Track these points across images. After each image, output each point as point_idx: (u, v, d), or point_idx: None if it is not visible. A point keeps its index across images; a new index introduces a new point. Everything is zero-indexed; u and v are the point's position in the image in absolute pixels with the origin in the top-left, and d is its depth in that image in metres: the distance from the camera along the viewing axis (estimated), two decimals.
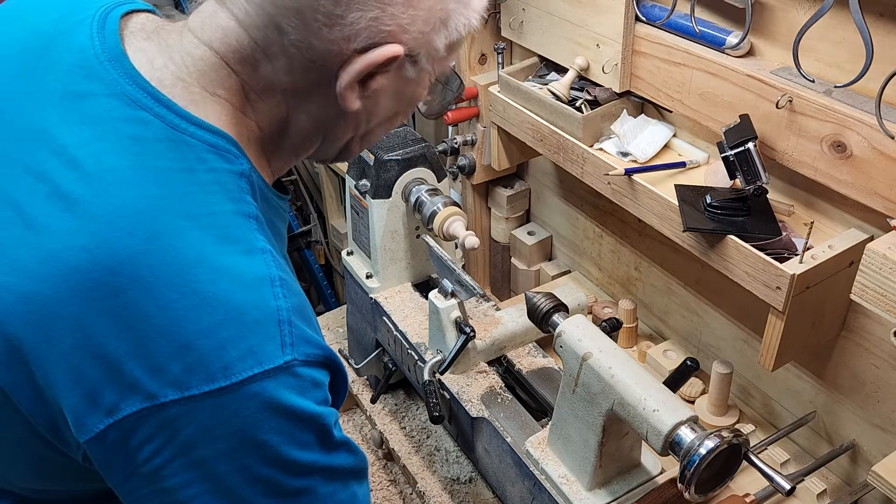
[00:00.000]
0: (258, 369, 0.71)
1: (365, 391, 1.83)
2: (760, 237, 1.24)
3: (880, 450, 1.34)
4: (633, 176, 1.40)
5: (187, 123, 0.75)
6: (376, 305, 1.67)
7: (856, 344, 1.32)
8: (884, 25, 1.09)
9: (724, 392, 1.51)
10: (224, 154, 0.77)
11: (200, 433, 0.71)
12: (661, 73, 1.41)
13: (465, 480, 1.58)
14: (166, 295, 0.70)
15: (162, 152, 0.74)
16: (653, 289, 1.76)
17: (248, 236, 0.75)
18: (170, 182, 0.73)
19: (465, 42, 0.96)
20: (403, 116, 0.93)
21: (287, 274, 0.78)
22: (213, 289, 0.71)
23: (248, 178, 0.78)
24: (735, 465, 1.13)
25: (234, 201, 0.76)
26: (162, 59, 0.78)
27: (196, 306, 0.70)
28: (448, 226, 1.50)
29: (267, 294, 0.73)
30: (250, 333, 0.71)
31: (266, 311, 0.73)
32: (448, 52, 0.84)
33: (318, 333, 0.79)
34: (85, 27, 0.79)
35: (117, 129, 0.74)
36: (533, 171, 2.04)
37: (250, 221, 0.76)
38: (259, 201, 0.79)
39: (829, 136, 1.16)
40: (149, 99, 0.75)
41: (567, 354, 1.24)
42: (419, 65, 0.82)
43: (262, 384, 0.71)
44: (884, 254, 1.00)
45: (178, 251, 0.71)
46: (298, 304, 0.76)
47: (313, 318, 0.81)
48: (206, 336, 0.70)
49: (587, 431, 1.22)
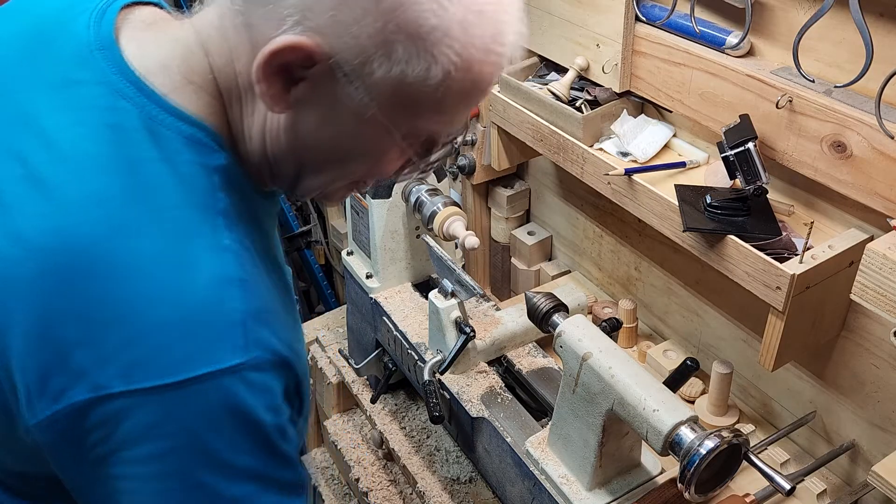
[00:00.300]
0: (205, 369, 0.70)
1: (365, 391, 1.83)
2: (760, 237, 1.24)
3: (880, 450, 1.34)
4: (633, 176, 1.40)
5: (166, 114, 0.75)
6: (376, 305, 1.67)
7: (856, 344, 1.32)
8: (884, 25, 1.09)
9: (724, 392, 1.51)
10: (199, 146, 0.76)
11: (143, 428, 0.70)
12: (661, 73, 1.41)
13: (465, 480, 1.58)
14: (120, 286, 0.70)
15: (138, 142, 0.74)
16: (653, 289, 1.76)
17: (213, 233, 0.74)
18: (141, 173, 0.73)
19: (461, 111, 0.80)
20: (358, 167, 0.82)
21: (255, 274, 0.76)
22: (168, 285, 0.71)
23: (223, 172, 0.77)
24: (735, 465, 1.13)
25: (205, 196, 0.75)
26: (152, 46, 0.78)
27: (148, 300, 0.70)
28: (448, 226, 1.50)
29: (224, 294, 0.72)
30: (201, 333, 0.71)
31: (220, 312, 0.72)
32: (416, 109, 0.73)
33: (290, 337, 0.78)
34: (85, 17, 0.79)
35: (98, 116, 0.74)
36: (533, 171, 2.04)
37: (218, 218, 0.75)
38: (238, 197, 0.78)
39: (829, 136, 1.16)
40: (131, 88, 0.75)
41: (567, 354, 1.24)
42: (357, 96, 0.72)
43: (209, 384, 0.71)
44: (884, 254, 1.00)
45: (138, 244, 0.71)
46: (260, 306, 0.75)
47: (282, 321, 0.79)
48: (155, 331, 0.70)
49: (587, 431, 1.22)
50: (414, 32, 0.68)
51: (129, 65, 0.76)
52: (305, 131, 0.77)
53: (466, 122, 0.86)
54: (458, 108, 0.77)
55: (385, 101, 0.72)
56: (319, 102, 0.74)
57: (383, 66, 0.69)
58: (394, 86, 0.71)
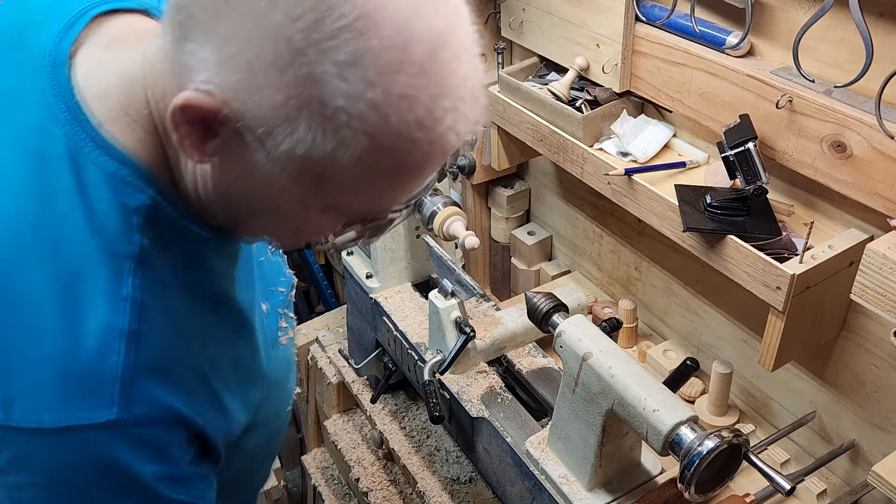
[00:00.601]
0: (73, 422, 0.69)
1: (365, 391, 1.83)
2: (760, 237, 1.24)
3: (880, 450, 1.34)
4: (633, 176, 1.40)
5: (93, 146, 0.72)
6: (376, 305, 1.67)
7: (856, 344, 1.32)
8: (884, 25, 1.09)
9: (724, 392, 1.51)
10: (120, 184, 0.72)
11: (13, 461, 0.71)
12: (661, 73, 1.41)
13: (465, 480, 1.58)
14: (5, 315, 0.69)
15: (58, 172, 0.71)
16: (653, 289, 1.76)
17: (114, 279, 0.71)
18: (54, 204, 0.71)
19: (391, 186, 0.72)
20: (284, 229, 0.77)
21: (157, 326, 0.73)
22: (52, 326, 0.69)
23: (145, 212, 0.73)
24: (735, 465, 1.13)
25: (115, 238, 0.72)
26: (101, 70, 0.74)
27: (29, 338, 0.69)
28: (448, 226, 1.50)
29: (107, 347, 0.70)
30: (74, 383, 0.69)
31: (98, 365, 0.70)
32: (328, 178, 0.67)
33: (196, 388, 0.77)
34: (58, 23, 0.76)
35: (27, 138, 0.72)
36: (533, 171, 2.04)
37: (125, 262, 0.72)
38: (165, 238, 0.74)
39: (829, 136, 1.16)
40: (66, 114, 0.72)
41: (567, 354, 1.24)
42: (266, 164, 0.66)
43: (78, 437, 0.70)
44: (884, 254, 1.00)
45: (33, 276, 0.69)
46: (152, 361, 0.72)
47: (187, 373, 0.77)
48: (28, 372, 0.69)
49: (587, 431, 1.22)
50: (318, 111, 0.62)
51: (72, 88, 0.73)
52: (227, 184, 0.73)
53: (427, 187, 0.76)
54: (387, 188, 0.70)
55: (295, 174, 0.66)
56: (235, 160, 0.68)
57: (287, 140, 0.64)
58: (302, 161, 0.65)
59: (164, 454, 0.75)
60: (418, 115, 0.63)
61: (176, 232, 0.76)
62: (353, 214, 0.74)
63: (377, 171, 0.66)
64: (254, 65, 0.61)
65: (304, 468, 2.12)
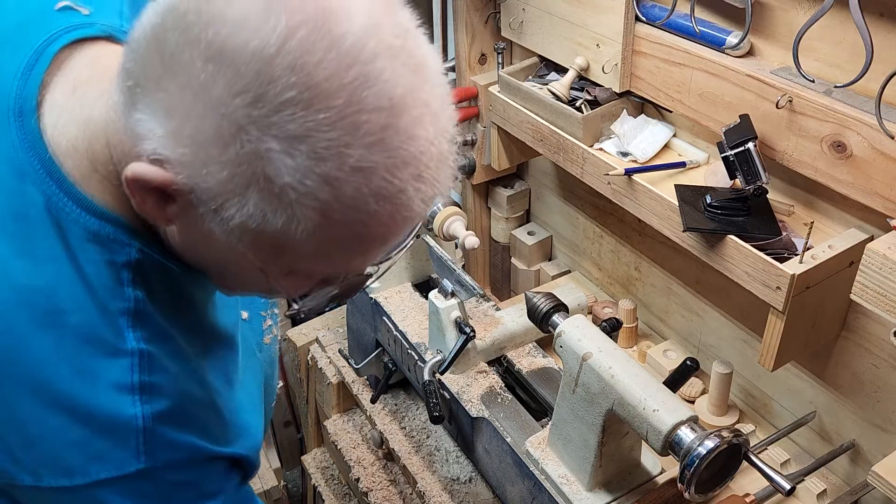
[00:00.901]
0: (105, 475, 0.71)
1: (365, 391, 1.83)
2: (760, 237, 1.24)
3: (880, 450, 1.34)
4: (633, 176, 1.40)
5: (73, 205, 0.70)
6: (376, 305, 1.67)
7: (856, 344, 1.32)
8: (884, 25, 1.09)
9: (724, 392, 1.51)
10: (106, 243, 0.71)
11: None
12: (661, 73, 1.41)
13: (465, 480, 1.58)
14: (13, 393, 0.70)
15: (42, 237, 0.70)
16: (653, 289, 1.76)
17: (115, 336, 0.71)
18: (42, 273, 0.70)
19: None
20: (253, 288, 0.77)
21: (166, 370, 0.74)
22: (63, 392, 0.70)
23: (134, 266, 0.72)
24: (735, 465, 1.13)
25: (109, 296, 0.71)
26: (68, 119, 0.71)
27: (42, 407, 0.70)
28: (448, 226, 1.50)
29: (124, 401, 0.71)
30: (100, 439, 0.71)
31: (120, 419, 0.71)
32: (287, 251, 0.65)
33: (210, 420, 0.79)
34: (18, 58, 0.72)
35: (5, 203, 0.70)
36: (533, 171, 2.04)
37: (122, 319, 0.72)
38: (157, 285, 0.74)
39: (829, 136, 1.16)
40: (41, 171, 0.69)
41: (567, 354, 1.24)
42: (222, 234, 0.64)
43: (111, 489, 0.72)
44: (884, 254, 1.00)
45: (30, 351, 0.69)
46: (171, 406, 0.74)
47: (199, 409, 0.78)
48: (51, 437, 0.71)
49: (587, 431, 1.22)
50: (265, 188, 0.59)
51: (43, 140, 0.70)
52: (193, 244, 0.72)
53: (401, 247, 0.75)
54: (350, 257, 0.68)
55: (251, 244, 0.65)
56: (194, 227, 0.66)
57: (238, 214, 0.61)
58: (256, 234, 0.63)
59: (200, 491, 0.77)
60: (375, 187, 0.60)
61: (165, 276, 0.75)
62: (322, 279, 0.73)
63: (336, 243, 0.64)
64: (197, 139, 0.59)
65: (304, 468, 2.12)
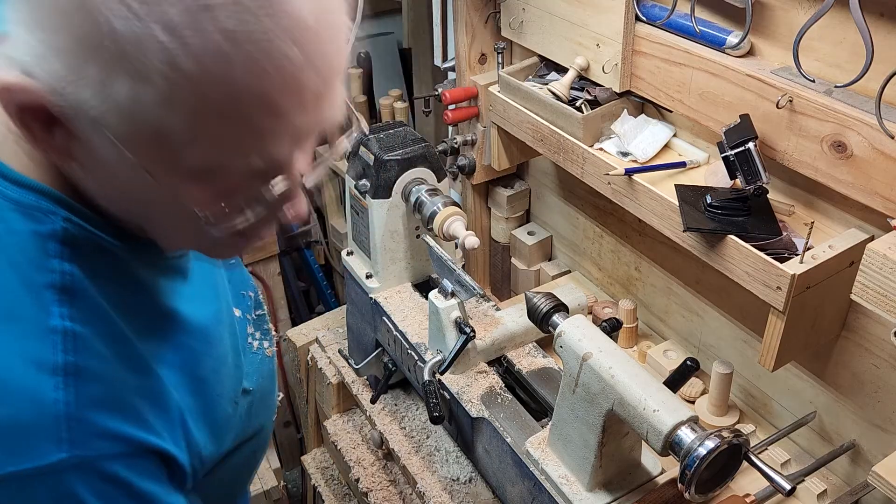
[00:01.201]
0: (19, 466, 0.64)
1: (365, 391, 1.83)
2: (760, 237, 1.24)
3: (880, 450, 1.34)
4: (633, 176, 1.40)
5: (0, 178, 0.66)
6: (376, 305, 1.67)
7: (856, 344, 1.32)
8: (884, 25, 1.09)
9: (724, 392, 1.51)
10: (30, 212, 0.67)
11: None
12: (661, 72, 1.41)
13: (465, 480, 1.58)
14: None
15: None
16: (653, 289, 1.76)
17: (40, 313, 0.66)
18: None
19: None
20: (182, 228, 0.70)
21: (97, 353, 0.68)
22: None
23: (61, 236, 0.68)
24: (735, 465, 1.13)
25: (33, 269, 0.67)
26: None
27: None
28: (448, 226, 1.50)
29: (44, 384, 0.65)
30: (14, 425, 0.65)
31: (39, 403, 0.65)
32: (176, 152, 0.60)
33: (149, 411, 0.72)
34: None
35: None
36: (533, 171, 2.04)
37: (46, 293, 0.67)
38: (89, 258, 0.69)
39: (829, 135, 1.16)
40: None
41: (567, 354, 1.24)
42: (105, 147, 0.60)
43: (26, 481, 0.65)
44: (884, 254, 1.00)
45: None
46: (101, 393, 0.68)
47: (138, 399, 0.72)
48: None
49: (587, 431, 1.22)
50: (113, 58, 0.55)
51: None
52: (101, 186, 0.67)
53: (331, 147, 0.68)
54: (242, 138, 0.61)
55: (134, 144, 0.59)
56: (91, 157, 0.62)
57: (106, 103, 0.57)
58: (130, 124, 0.58)
59: (132, 489, 0.71)
60: (231, 28, 0.55)
61: (101, 252, 0.71)
62: (235, 180, 0.65)
63: (216, 118, 0.58)
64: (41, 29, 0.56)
65: (304, 468, 2.12)
